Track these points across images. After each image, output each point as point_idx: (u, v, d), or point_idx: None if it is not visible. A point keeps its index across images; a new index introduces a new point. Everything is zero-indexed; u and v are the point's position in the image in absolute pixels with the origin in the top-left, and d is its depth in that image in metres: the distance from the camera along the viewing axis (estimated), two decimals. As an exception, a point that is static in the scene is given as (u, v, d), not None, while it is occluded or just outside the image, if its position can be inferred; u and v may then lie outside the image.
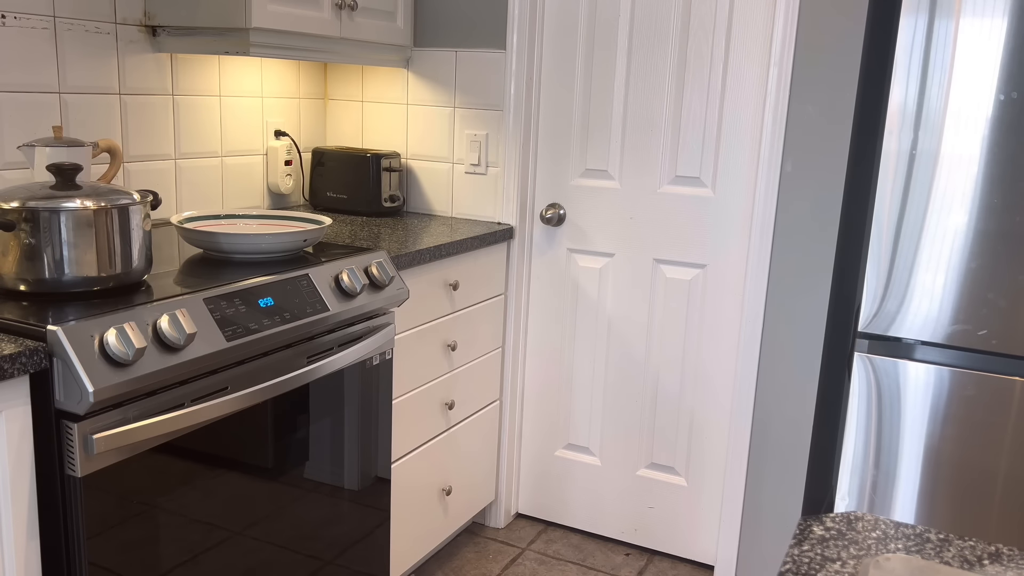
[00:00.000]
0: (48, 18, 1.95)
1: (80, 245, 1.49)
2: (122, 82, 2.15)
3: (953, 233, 1.79)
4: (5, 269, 1.49)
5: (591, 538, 2.81)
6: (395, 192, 2.72)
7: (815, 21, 2.20)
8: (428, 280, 2.29)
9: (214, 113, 2.44)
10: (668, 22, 2.43)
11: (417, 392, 2.31)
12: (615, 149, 2.57)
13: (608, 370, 2.69)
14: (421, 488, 2.39)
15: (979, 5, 1.71)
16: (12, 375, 1.27)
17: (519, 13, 2.55)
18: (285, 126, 2.71)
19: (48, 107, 1.99)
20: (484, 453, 2.72)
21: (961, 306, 1.80)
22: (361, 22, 2.42)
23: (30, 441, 1.34)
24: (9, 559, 1.33)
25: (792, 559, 0.84)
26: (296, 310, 1.72)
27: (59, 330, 1.32)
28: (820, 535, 0.89)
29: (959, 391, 1.82)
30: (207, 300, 1.56)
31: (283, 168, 2.67)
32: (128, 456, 1.42)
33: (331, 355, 1.82)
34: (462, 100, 2.69)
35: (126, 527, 1.45)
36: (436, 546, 2.59)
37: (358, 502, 2.02)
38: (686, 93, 2.45)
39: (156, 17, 2.16)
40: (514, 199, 2.65)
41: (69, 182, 1.54)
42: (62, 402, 1.34)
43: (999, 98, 1.72)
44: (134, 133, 2.20)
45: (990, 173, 1.74)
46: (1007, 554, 0.86)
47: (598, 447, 2.75)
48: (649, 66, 2.48)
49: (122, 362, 1.36)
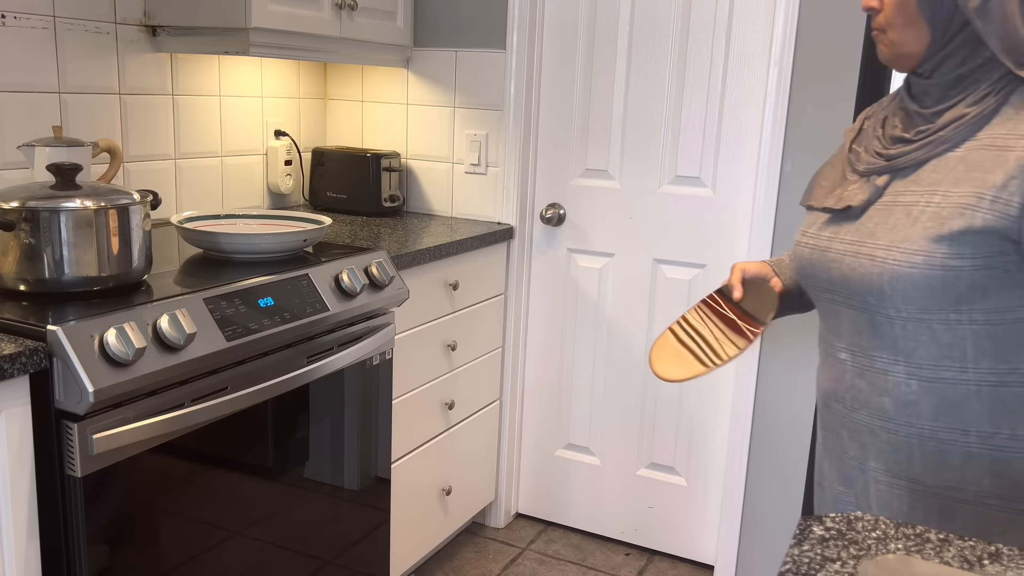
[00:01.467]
0: (48, 18, 1.95)
1: (80, 245, 1.49)
2: (122, 82, 2.15)
3: (953, 233, 1.79)
4: (5, 269, 1.49)
5: (591, 538, 2.81)
6: (395, 192, 2.72)
7: (815, 21, 2.20)
8: (428, 280, 2.29)
9: (214, 113, 2.44)
10: (668, 22, 2.43)
11: (417, 392, 2.31)
12: (615, 149, 2.57)
13: (608, 370, 2.69)
14: (421, 488, 2.39)
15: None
16: (12, 375, 1.27)
17: (519, 13, 2.55)
18: (285, 126, 2.71)
19: (48, 107, 1.99)
20: (484, 453, 2.72)
21: (961, 306, 1.80)
22: (361, 22, 2.42)
23: (30, 441, 1.34)
24: (9, 559, 1.33)
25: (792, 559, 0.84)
26: (296, 310, 1.72)
27: (59, 330, 1.32)
28: (820, 535, 0.89)
29: (959, 391, 1.82)
30: (207, 300, 1.56)
31: (283, 168, 2.67)
32: (128, 456, 1.42)
33: (331, 355, 1.82)
34: (462, 100, 2.69)
35: (126, 527, 1.45)
36: (436, 546, 2.59)
37: (358, 502, 2.02)
38: (686, 93, 2.44)
39: (156, 17, 2.16)
40: (514, 199, 2.65)
41: (69, 182, 1.54)
42: (62, 402, 1.34)
43: (999, 98, 1.72)
44: (134, 133, 2.20)
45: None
46: (1007, 554, 0.86)
47: (598, 447, 2.75)
48: (649, 66, 2.48)
49: (122, 362, 1.36)
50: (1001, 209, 1.07)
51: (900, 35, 1.17)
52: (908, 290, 1.13)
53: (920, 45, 1.16)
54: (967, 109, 1.14)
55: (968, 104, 1.14)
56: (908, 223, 1.14)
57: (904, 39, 1.17)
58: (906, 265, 1.12)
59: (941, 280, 1.11)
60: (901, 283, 1.13)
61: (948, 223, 1.10)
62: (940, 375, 1.16)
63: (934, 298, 1.12)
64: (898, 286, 1.13)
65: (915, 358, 1.17)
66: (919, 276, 1.12)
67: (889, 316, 1.17)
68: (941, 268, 1.10)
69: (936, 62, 1.16)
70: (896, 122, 1.23)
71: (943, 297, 1.12)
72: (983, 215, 1.08)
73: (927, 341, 1.15)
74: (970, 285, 1.11)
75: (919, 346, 1.16)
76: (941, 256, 1.10)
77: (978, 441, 1.15)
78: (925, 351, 1.16)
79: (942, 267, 1.10)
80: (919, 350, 1.16)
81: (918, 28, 1.15)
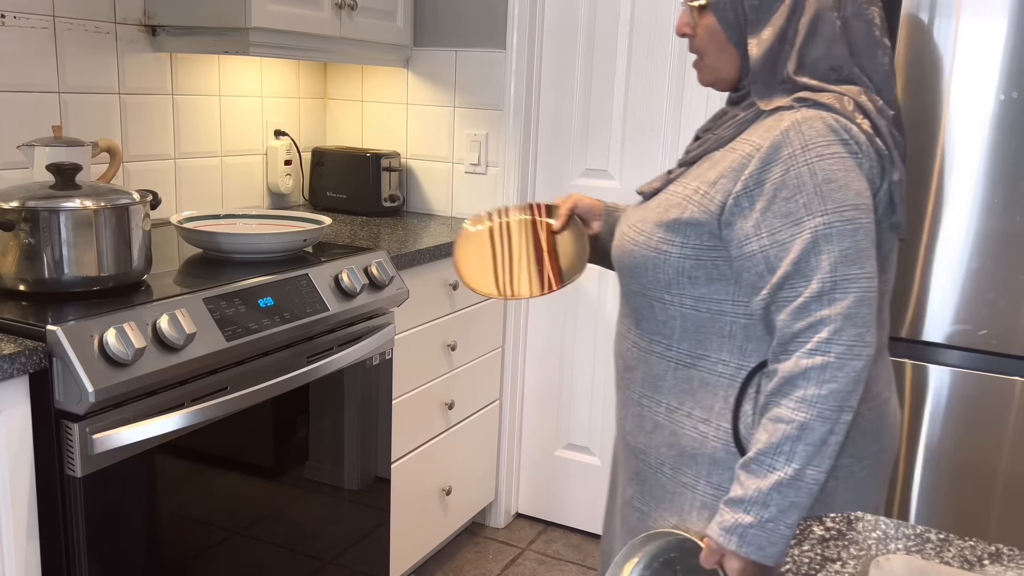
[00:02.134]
0: (48, 18, 1.95)
1: (80, 245, 1.48)
2: (122, 82, 2.15)
3: (953, 233, 1.79)
4: (5, 269, 1.49)
5: (591, 538, 2.81)
6: (395, 192, 2.72)
7: (815, 21, 2.20)
8: (428, 280, 2.29)
9: (214, 113, 2.44)
10: (668, 22, 2.43)
11: (417, 392, 2.31)
12: (615, 149, 2.57)
13: (608, 370, 2.69)
14: (421, 488, 2.39)
15: (979, 5, 1.71)
16: (12, 375, 1.27)
17: (519, 13, 2.55)
18: (285, 126, 2.70)
19: (48, 107, 1.99)
20: (484, 453, 2.72)
21: (961, 306, 1.80)
22: (361, 22, 2.42)
23: (30, 441, 1.34)
24: (9, 559, 1.33)
25: (792, 559, 0.84)
26: (296, 310, 1.72)
27: (59, 330, 1.32)
28: (820, 535, 0.89)
29: (960, 391, 1.82)
30: (207, 300, 1.56)
31: (283, 168, 2.67)
32: (128, 456, 1.42)
33: (331, 355, 1.82)
34: (462, 100, 2.69)
35: (126, 527, 1.45)
36: (436, 546, 2.59)
37: (358, 502, 2.02)
38: (686, 93, 2.44)
39: (156, 17, 2.16)
40: (514, 199, 2.65)
41: (69, 182, 1.53)
42: (62, 402, 1.34)
43: (999, 98, 1.72)
44: (134, 133, 2.20)
45: (990, 173, 1.74)
46: (1007, 554, 0.86)
47: (598, 447, 2.75)
48: (649, 66, 2.48)
49: (122, 362, 1.36)
50: (705, 204, 1.17)
51: (716, 60, 1.23)
52: (632, 266, 1.25)
53: (734, 69, 1.23)
54: (741, 112, 1.21)
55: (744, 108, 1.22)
56: (651, 208, 1.25)
57: (719, 64, 1.23)
58: (631, 243, 1.25)
59: (653, 261, 1.22)
60: (628, 258, 1.26)
61: (669, 211, 1.21)
62: (652, 348, 1.27)
63: (648, 277, 1.23)
64: (626, 260, 1.26)
65: (640, 328, 1.29)
66: (639, 255, 1.23)
67: (628, 287, 1.29)
68: (655, 251, 1.21)
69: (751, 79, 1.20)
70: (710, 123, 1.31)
71: (655, 277, 1.22)
72: (692, 208, 1.18)
73: (648, 315, 1.27)
74: (677, 271, 1.20)
75: (643, 319, 1.28)
76: (657, 240, 1.21)
77: (665, 413, 1.27)
78: (647, 324, 1.27)
79: (656, 250, 1.21)
80: (644, 322, 1.28)
81: (730, 53, 1.22)
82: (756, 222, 1.12)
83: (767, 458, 1.11)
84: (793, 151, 1.11)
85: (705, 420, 1.23)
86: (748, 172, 1.13)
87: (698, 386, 1.23)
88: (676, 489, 1.27)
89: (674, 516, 1.28)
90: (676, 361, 1.25)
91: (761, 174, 1.12)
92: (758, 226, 1.12)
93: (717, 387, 1.22)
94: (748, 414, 1.20)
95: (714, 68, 1.24)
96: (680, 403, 1.25)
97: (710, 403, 1.22)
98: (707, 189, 1.17)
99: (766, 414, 1.13)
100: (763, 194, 1.12)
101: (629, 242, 1.25)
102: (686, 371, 1.24)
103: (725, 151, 1.19)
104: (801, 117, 1.12)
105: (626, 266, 1.26)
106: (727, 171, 1.16)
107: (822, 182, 1.09)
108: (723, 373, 1.22)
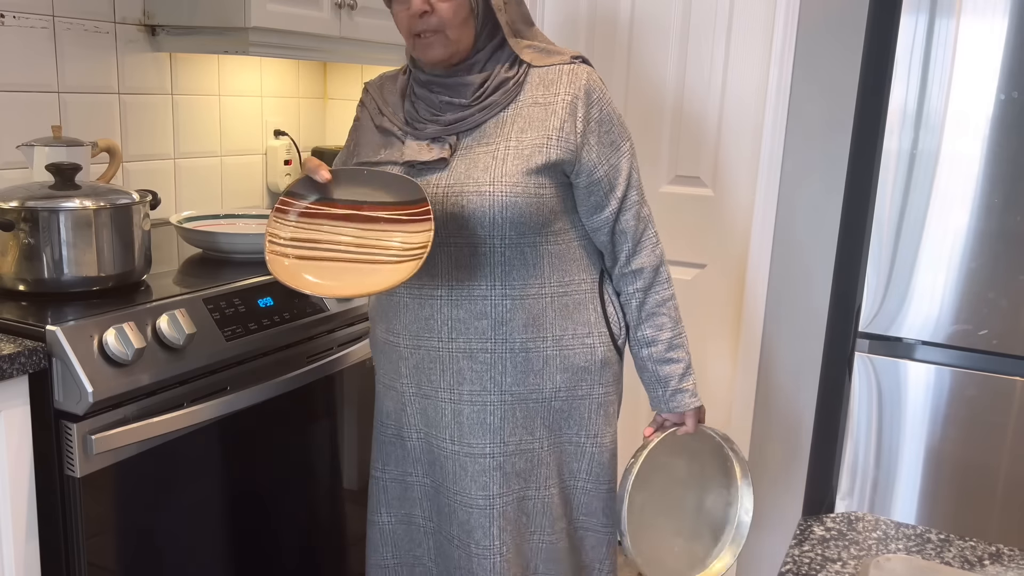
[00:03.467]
0: (47, 17, 1.95)
1: (79, 245, 1.48)
2: (121, 81, 2.15)
3: (953, 233, 1.79)
4: (4, 269, 1.49)
5: (591, 538, 2.80)
6: (395, 192, 2.72)
7: (815, 21, 2.20)
8: (428, 280, 2.28)
9: (213, 112, 2.43)
10: (668, 22, 2.43)
11: (417, 392, 2.31)
12: (615, 149, 2.56)
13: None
14: (421, 488, 2.39)
15: (980, 5, 1.71)
16: (11, 375, 1.27)
17: (519, 13, 2.54)
18: (284, 125, 2.70)
19: (47, 107, 1.99)
20: (484, 453, 2.72)
21: (962, 306, 1.80)
22: (360, 21, 2.41)
23: (29, 441, 1.34)
24: (9, 559, 1.33)
25: (792, 559, 0.84)
26: (296, 310, 1.72)
27: (58, 330, 1.32)
28: (820, 535, 0.89)
29: (960, 391, 1.82)
30: (207, 300, 1.56)
31: (282, 168, 2.66)
32: (128, 456, 1.42)
33: (331, 355, 1.82)
34: (462, 100, 2.68)
35: (125, 527, 1.45)
36: (436, 546, 2.59)
37: (358, 502, 2.02)
38: (686, 93, 2.44)
39: (155, 16, 2.16)
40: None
41: (68, 182, 1.53)
42: (61, 402, 1.34)
43: (999, 98, 1.72)
44: (133, 133, 2.20)
45: (990, 173, 1.74)
46: (1008, 554, 0.86)
47: (598, 447, 2.75)
48: (649, 66, 2.48)
49: (121, 362, 1.36)
50: (564, 145, 1.36)
51: (459, 32, 1.35)
52: (515, 217, 1.35)
53: (470, 38, 1.38)
54: (507, 74, 1.39)
55: (507, 70, 1.39)
56: (499, 164, 1.35)
57: (461, 36, 1.36)
58: (510, 196, 1.34)
59: (536, 206, 1.36)
60: (510, 211, 1.35)
61: (532, 159, 1.35)
62: (528, 292, 1.41)
63: (528, 224, 1.37)
64: (507, 214, 1.35)
65: (509, 280, 1.39)
66: (522, 203, 1.35)
67: (493, 245, 1.38)
68: (535, 196, 1.36)
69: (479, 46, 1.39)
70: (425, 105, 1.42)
71: (535, 222, 1.37)
72: (555, 151, 1.36)
73: (519, 264, 1.39)
74: (551, 210, 1.39)
75: (513, 269, 1.39)
76: (533, 186, 1.35)
77: (552, 345, 1.44)
78: (517, 273, 1.40)
79: (535, 195, 1.36)
80: (513, 272, 1.39)
81: (469, 24, 1.36)
82: (597, 152, 1.40)
83: (678, 331, 1.49)
84: (601, 95, 1.40)
85: (588, 334, 1.46)
86: (580, 115, 1.37)
87: (573, 309, 1.45)
88: (573, 405, 1.48)
89: (573, 428, 1.50)
90: (551, 295, 1.43)
91: (588, 114, 1.38)
92: (600, 155, 1.40)
93: (587, 303, 1.47)
94: (613, 314, 1.50)
95: (456, 40, 1.36)
96: (563, 330, 1.44)
97: (586, 318, 1.46)
98: (559, 133, 1.36)
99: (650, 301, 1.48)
100: (593, 130, 1.39)
101: (506, 196, 1.34)
102: (561, 299, 1.44)
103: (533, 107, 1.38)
104: (587, 69, 1.41)
105: (509, 219, 1.35)
106: (565, 116, 1.37)
107: (617, 115, 1.42)
108: (586, 290, 1.47)
